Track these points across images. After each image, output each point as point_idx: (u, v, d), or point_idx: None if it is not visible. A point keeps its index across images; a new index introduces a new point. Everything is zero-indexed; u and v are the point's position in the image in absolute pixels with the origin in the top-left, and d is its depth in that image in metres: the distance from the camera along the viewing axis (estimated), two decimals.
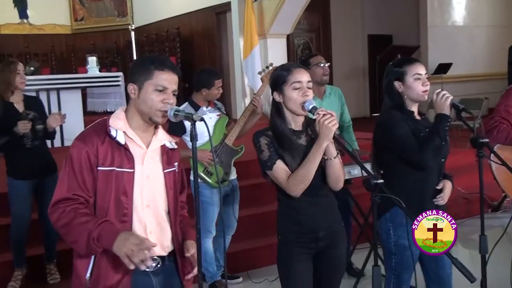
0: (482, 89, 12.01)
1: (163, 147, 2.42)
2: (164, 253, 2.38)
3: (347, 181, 4.39)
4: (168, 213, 2.41)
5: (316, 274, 2.79)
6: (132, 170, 2.29)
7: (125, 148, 2.29)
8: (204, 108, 4.46)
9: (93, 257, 2.26)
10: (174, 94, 2.34)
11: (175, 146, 2.48)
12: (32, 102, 4.57)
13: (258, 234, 5.19)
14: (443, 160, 3.17)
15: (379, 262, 2.53)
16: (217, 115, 4.50)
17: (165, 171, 2.39)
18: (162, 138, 2.43)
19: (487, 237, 2.92)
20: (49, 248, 4.66)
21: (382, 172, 3.28)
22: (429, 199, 3.13)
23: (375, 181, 2.43)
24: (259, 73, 4.90)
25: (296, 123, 2.74)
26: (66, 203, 2.23)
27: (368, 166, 3.92)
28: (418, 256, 3.17)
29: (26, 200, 4.44)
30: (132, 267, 2.13)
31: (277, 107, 2.74)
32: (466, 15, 13.10)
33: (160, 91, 2.29)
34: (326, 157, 2.66)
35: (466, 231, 5.73)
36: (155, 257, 2.33)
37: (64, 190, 2.25)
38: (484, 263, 2.90)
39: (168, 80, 2.31)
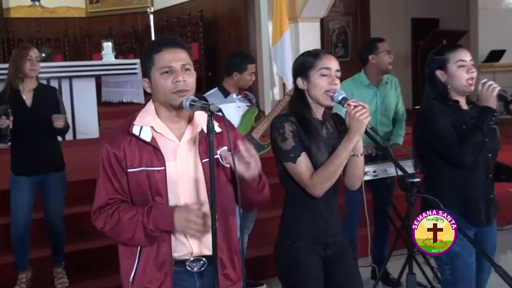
0: None
1: (202, 133, 2.37)
2: (209, 252, 2.35)
3: (381, 180, 4.40)
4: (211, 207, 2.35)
5: (328, 285, 2.77)
6: (163, 168, 2.30)
7: (152, 146, 2.30)
8: (234, 96, 4.52)
9: (137, 258, 2.34)
10: (186, 69, 2.32)
11: (219, 130, 2.38)
12: (45, 92, 4.63)
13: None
14: (490, 155, 3.13)
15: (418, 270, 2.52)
16: (247, 105, 4.56)
17: (203, 160, 2.35)
18: (200, 123, 2.37)
19: None
20: (57, 250, 4.73)
21: (423, 169, 3.28)
22: (476, 200, 3.10)
23: (411, 180, 2.43)
24: None
25: (318, 113, 2.75)
26: (106, 209, 2.32)
27: (409, 163, 3.92)
28: (475, 263, 3.13)
29: (26, 197, 4.50)
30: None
31: (300, 95, 2.75)
32: None
33: (166, 72, 2.29)
34: (352, 153, 2.65)
35: None
36: (200, 257, 2.37)
37: (103, 196, 2.34)
38: None
39: (169, 58, 2.30)
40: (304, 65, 2.72)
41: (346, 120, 2.58)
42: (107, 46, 9.97)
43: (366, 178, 4.14)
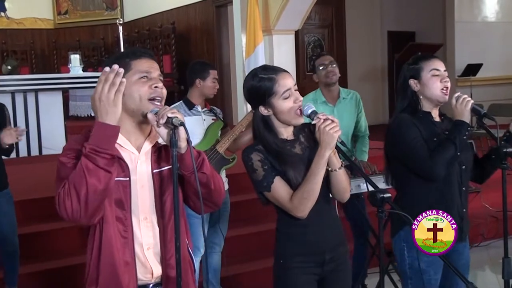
0: None
1: (157, 143, 2.35)
2: (170, 272, 2.31)
3: (355, 196, 4.40)
4: (158, 223, 2.33)
5: None
6: (127, 179, 2.26)
7: (117, 156, 2.23)
8: (199, 108, 4.50)
9: None
10: (160, 79, 2.33)
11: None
12: None
13: (257, 256, 5.20)
14: (464, 167, 3.16)
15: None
16: (212, 119, 4.54)
17: (154, 171, 2.33)
18: (158, 134, 2.29)
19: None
20: (8, 271, 4.64)
21: (394, 185, 3.30)
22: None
23: (382, 195, 2.44)
24: None
25: (287, 132, 2.73)
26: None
27: (380, 179, 3.92)
28: (439, 281, 3.15)
29: None
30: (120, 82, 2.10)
31: (264, 121, 2.70)
32: (498, 9, 13.08)
33: (144, 77, 2.28)
34: (330, 169, 2.65)
35: (495, 253, 5.68)
36: (159, 283, 2.33)
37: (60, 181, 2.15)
38: None
39: (148, 65, 2.32)
40: (263, 92, 2.65)
41: (316, 134, 2.58)
42: (75, 58, 9.92)
43: None
